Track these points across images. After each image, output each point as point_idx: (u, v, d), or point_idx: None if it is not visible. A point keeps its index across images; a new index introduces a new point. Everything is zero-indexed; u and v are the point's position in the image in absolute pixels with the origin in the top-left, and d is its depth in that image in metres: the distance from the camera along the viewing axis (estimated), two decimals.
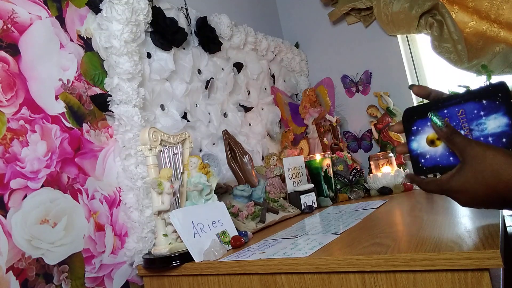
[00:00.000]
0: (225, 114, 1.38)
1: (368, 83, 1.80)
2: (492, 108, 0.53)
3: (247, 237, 0.94)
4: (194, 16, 1.30)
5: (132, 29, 0.96)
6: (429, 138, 0.58)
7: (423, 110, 0.59)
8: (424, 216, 0.81)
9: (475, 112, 0.54)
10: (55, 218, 0.80)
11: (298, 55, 1.89)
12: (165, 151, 0.93)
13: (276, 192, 1.33)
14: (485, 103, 0.54)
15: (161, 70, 1.11)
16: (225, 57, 1.42)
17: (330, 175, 1.42)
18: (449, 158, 0.56)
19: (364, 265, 0.59)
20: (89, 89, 0.94)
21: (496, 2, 1.44)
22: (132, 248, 0.90)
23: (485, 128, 0.54)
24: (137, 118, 0.94)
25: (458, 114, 0.56)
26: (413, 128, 0.60)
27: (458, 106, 0.56)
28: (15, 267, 0.71)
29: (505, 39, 1.46)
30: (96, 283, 0.85)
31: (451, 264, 0.52)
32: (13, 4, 0.82)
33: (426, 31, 1.57)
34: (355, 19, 1.81)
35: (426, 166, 0.59)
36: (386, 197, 1.30)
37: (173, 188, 0.85)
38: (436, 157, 0.58)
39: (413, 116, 0.60)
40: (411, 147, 0.60)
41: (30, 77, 0.82)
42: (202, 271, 0.78)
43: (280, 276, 0.68)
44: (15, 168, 0.75)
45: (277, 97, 1.70)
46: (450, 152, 0.56)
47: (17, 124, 0.78)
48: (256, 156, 1.46)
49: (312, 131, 1.69)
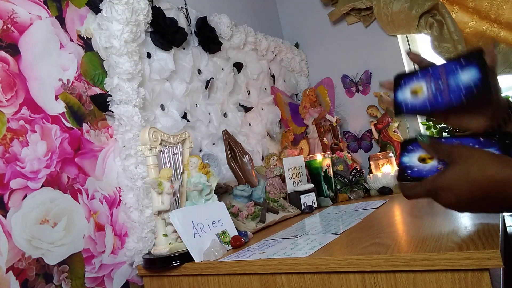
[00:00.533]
0: (225, 114, 1.38)
1: (368, 83, 1.80)
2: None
3: (247, 237, 0.94)
4: (194, 16, 1.30)
5: (132, 29, 0.96)
6: (421, 157, 0.62)
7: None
8: (424, 216, 0.81)
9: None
10: (55, 218, 0.80)
11: (298, 55, 1.89)
12: (165, 151, 0.92)
13: (276, 192, 1.33)
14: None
15: (161, 70, 1.11)
16: (225, 57, 1.42)
17: (330, 175, 1.42)
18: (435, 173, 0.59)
19: (364, 265, 0.59)
20: (89, 89, 0.94)
21: (496, 2, 1.44)
22: (132, 248, 0.90)
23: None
24: (137, 118, 0.94)
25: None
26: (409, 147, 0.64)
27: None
28: (15, 267, 0.71)
29: (505, 39, 1.46)
30: (96, 283, 0.85)
31: (451, 264, 0.52)
32: (13, 4, 0.82)
33: (426, 31, 1.57)
34: (355, 19, 1.81)
35: (411, 176, 0.61)
36: (386, 197, 1.30)
37: (173, 188, 0.85)
38: (423, 171, 0.60)
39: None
40: (402, 160, 0.64)
41: (30, 77, 0.82)
42: (202, 271, 0.78)
43: (280, 276, 0.68)
44: (15, 168, 0.75)
45: (277, 97, 1.70)
46: (437, 169, 0.59)
47: (17, 124, 0.78)
48: (256, 156, 1.46)
49: (312, 131, 1.69)
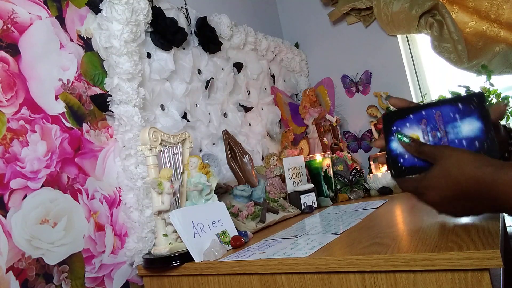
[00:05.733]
0: (225, 114, 1.38)
1: (368, 83, 1.80)
2: (467, 112, 0.57)
3: (247, 237, 0.94)
4: (194, 16, 1.30)
5: (132, 29, 0.96)
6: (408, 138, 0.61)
7: (403, 113, 0.62)
8: (424, 216, 0.81)
9: (451, 114, 0.58)
10: (55, 218, 0.80)
11: (298, 55, 1.89)
12: (165, 151, 0.92)
13: (276, 192, 1.33)
14: (461, 106, 0.57)
15: (161, 70, 1.11)
16: (225, 57, 1.42)
17: (330, 175, 1.42)
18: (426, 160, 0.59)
19: (364, 265, 0.59)
20: (89, 89, 0.94)
21: (496, 2, 1.44)
22: (132, 248, 0.90)
23: (460, 132, 0.57)
24: (137, 118, 0.94)
25: (435, 115, 0.59)
26: (392, 128, 0.63)
27: (436, 107, 0.59)
28: (15, 267, 0.71)
29: (505, 39, 1.46)
30: (96, 283, 0.85)
31: (451, 264, 0.52)
32: (13, 4, 0.82)
33: (426, 31, 1.57)
34: (355, 19, 1.81)
35: (405, 166, 0.62)
36: (386, 197, 1.30)
37: (173, 188, 0.85)
38: (414, 157, 0.60)
39: (393, 117, 0.63)
40: (391, 147, 0.63)
41: (30, 77, 0.82)
42: (202, 271, 0.78)
43: (280, 276, 0.68)
44: (15, 168, 0.75)
45: (277, 97, 1.70)
46: None
47: (17, 124, 0.78)
48: (256, 156, 1.46)
49: (312, 131, 1.69)
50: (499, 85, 1.46)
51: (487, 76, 1.45)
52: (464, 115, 0.57)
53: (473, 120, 0.56)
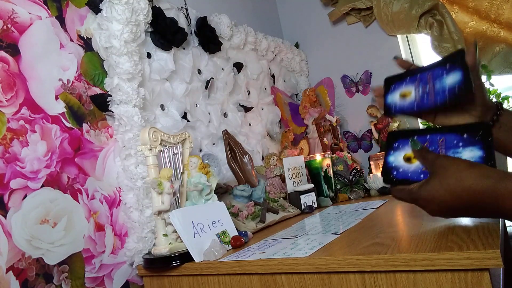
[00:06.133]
0: (225, 114, 1.38)
1: (368, 83, 1.80)
2: (471, 142, 0.59)
3: (247, 237, 0.94)
4: (194, 16, 1.30)
5: (132, 29, 0.96)
6: (406, 156, 0.64)
7: (408, 133, 0.66)
8: (424, 216, 0.81)
9: (455, 142, 0.60)
10: (55, 218, 0.80)
11: (298, 55, 1.89)
12: (165, 151, 0.92)
13: (276, 192, 1.33)
14: (465, 137, 0.59)
15: (161, 70, 1.11)
16: (225, 57, 1.42)
17: (330, 175, 1.42)
18: (420, 175, 0.61)
19: (364, 265, 0.59)
20: (89, 89, 0.94)
21: (496, 2, 1.44)
22: (132, 248, 0.90)
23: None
24: (137, 118, 0.94)
25: (439, 141, 0.62)
26: (394, 144, 0.66)
27: (441, 134, 0.62)
28: (15, 267, 0.71)
29: (505, 39, 1.46)
30: (96, 283, 0.85)
31: (451, 264, 0.52)
32: (13, 4, 0.82)
33: (426, 31, 1.57)
34: (355, 19, 1.81)
35: (397, 178, 0.64)
36: (386, 197, 1.30)
37: (173, 188, 0.85)
38: (408, 172, 0.63)
39: (399, 136, 0.67)
40: (388, 159, 0.66)
41: (30, 77, 0.82)
42: (202, 271, 0.78)
43: (280, 276, 0.68)
44: (15, 168, 0.75)
45: (277, 97, 1.70)
46: (422, 170, 0.61)
47: (17, 124, 0.78)
48: (256, 156, 1.46)
49: (312, 131, 1.69)
50: (499, 85, 1.46)
51: (487, 76, 1.45)
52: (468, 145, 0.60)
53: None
